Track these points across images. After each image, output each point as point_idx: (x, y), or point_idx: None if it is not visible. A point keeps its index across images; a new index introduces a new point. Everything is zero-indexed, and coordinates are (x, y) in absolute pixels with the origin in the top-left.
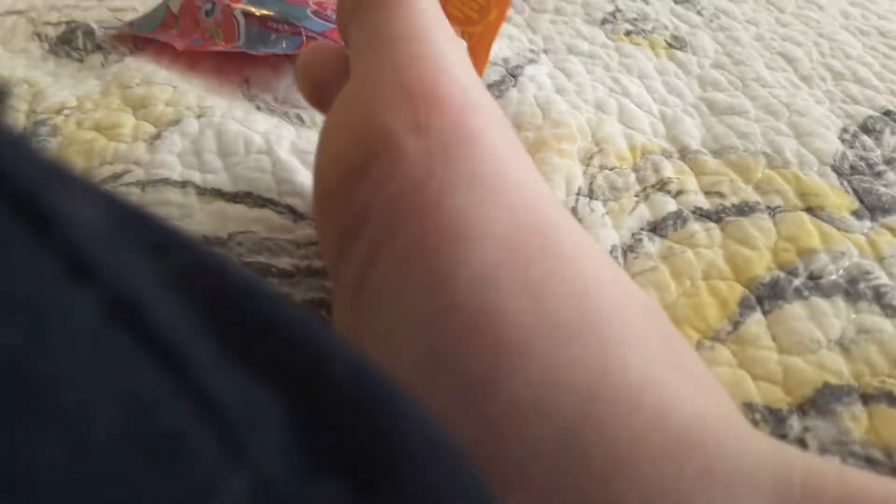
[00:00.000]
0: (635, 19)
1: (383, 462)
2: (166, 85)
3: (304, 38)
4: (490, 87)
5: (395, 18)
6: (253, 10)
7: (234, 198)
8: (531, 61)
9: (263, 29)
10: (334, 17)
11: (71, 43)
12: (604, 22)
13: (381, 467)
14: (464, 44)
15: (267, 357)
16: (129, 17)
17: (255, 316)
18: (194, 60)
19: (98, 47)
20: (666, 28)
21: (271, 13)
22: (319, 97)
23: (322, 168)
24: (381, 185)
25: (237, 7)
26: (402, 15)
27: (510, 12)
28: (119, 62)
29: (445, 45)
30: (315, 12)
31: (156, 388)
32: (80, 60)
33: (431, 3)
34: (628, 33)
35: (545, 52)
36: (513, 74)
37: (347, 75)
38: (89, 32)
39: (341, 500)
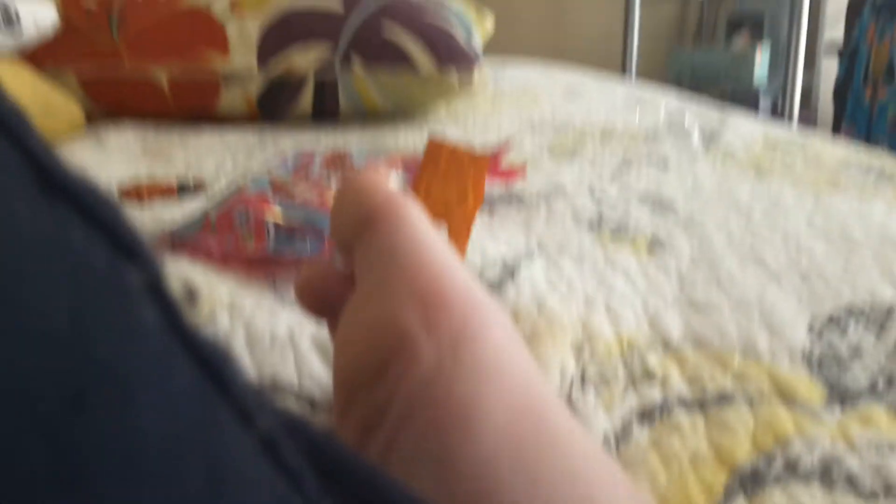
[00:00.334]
0: (618, 224)
1: None
2: (202, 283)
3: (327, 242)
4: (491, 284)
5: (398, 234)
6: (282, 222)
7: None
8: (526, 261)
9: (291, 235)
10: None
11: None
12: (590, 226)
13: None
14: (444, 229)
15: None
16: (169, 223)
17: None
18: (227, 262)
19: None
20: (646, 231)
21: (297, 222)
22: (320, 307)
23: (342, 366)
24: (400, 380)
25: (269, 218)
26: (403, 231)
27: (508, 216)
28: None
29: (444, 251)
30: None
31: None
32: None
33: (423, 217)
34: (613, 236)
35: (539, 252)
36: (510, 273)
37: (345, 287)
38: None
39: None
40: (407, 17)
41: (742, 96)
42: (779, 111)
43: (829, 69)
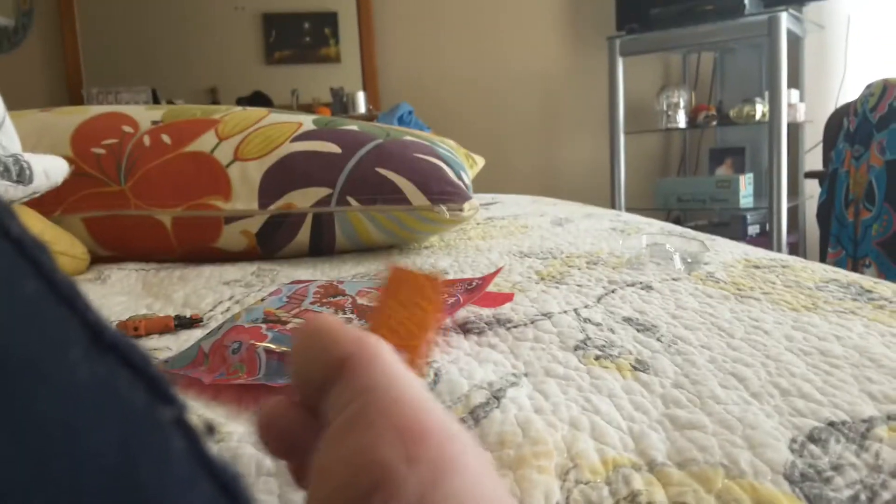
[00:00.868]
0: (603, 346)
1: None
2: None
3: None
4: (476, 408)
5: (373, 372)
6: (274, 347)
7: None
8: (513, 384)
9: (282, 364)
10: None
11: None
12: (576, 348)
13: None
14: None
15: None
16: (164, 355)
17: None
18: (218, 392)
19: None
20: (630, 353)
21: (289, 349)
22: (284, 449)
23: (321, 501)
24: None
25: (260, 345)
26: (377, 369)
27: (496, 340)
28: None
29: (416, 386)
30: None
31: None
32: None
33: (393, 355)
34: (598, 358)
35: (526, 375)
36: (496, 397)
37: (310, 428)
38: None
39: None
40: (399, 157)
41: (730, 221)
42: (767, 234)
43: (814, 191)
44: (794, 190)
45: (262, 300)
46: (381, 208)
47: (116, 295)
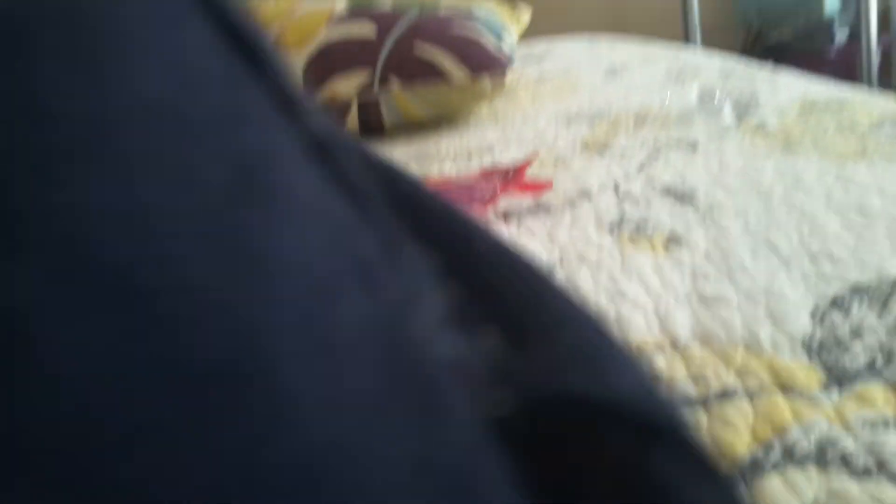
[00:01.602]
0: (638, 223)
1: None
2: None
3: None
4: None
5: None
6: None
7: None
8: None
9: None
10: None
11: None
12: (611, 229)
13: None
14: None
15: (427, 230)
16: None
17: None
18: None
19: None
20: (664, 228)
21: None
22: None
23: None
24: None
25: None
26: None
27: (536, 224)
28: None
29: None
30: None
31: (347, 217)
32: None
33: None
34: (631, 237)
35: (560, 261)
36: None
37: None
38: None
39: (499, 351)
40: (436, 33)
41: (814, 31)
42: (855, 40)
43: None
44: None
45: None
46: (423, 87)
47: None
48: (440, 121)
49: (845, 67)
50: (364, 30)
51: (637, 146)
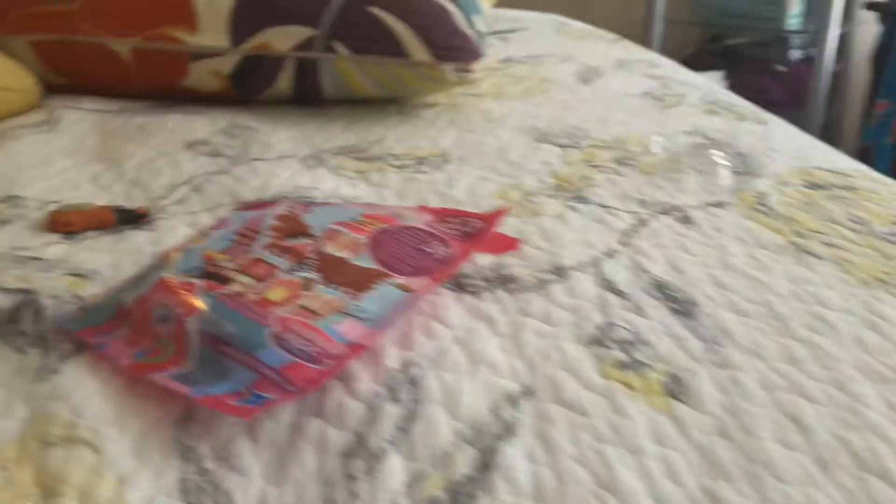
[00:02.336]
0: (629, 342)
1: None
2: (86, 449)
3: (258, 375)
4: (457, 486)
5: None
6: (206, 326)
7: None
8: (508, 432)
9: (218, 354)
10: (297, 344)
11: (18, 322)
12: (593, 342)
13: None
14: None
15: None
16: (90, 289)
17: None
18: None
19: (42, 338)
20: (663, 359)
21: (228, 331)
22: None
23: None
24: None
25: (192, 320)
26: None
27: (495, 310)
28: (56, 372)
29: None
30: (276, 336)
31: None
32: (23, 352)
33: None
34: (622, 366)
35: (528, 394)
36: (485, 464)
37: None
38: (39, 311)
39: None
40: None
41: (772, 42)
42: (810, 61)
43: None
44: (848, 16)
45: (206, 235)
46: (375, 59)
47: (62, 155)
48: (388, 103)
49: (796, 84)
50: None
51: (618, 202)
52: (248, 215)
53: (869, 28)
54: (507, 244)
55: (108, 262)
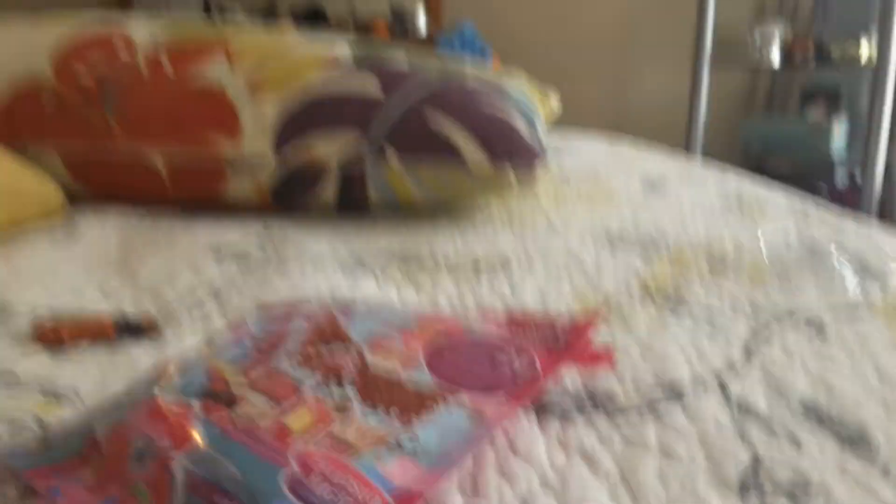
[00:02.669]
0: (791, 487)
1: None
2: None
3: None
4: None
5: None
6: (197, 468)
7: None
8: None
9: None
10: (324, 493)
11: None
12: (743, 487)
13: None
14: None
15: None
16: (62, 412)
17: None
18: None
19: None
20: None
21: (224, 476)
22: None
23: None
24: None
25: (180, 459)
26: None
27: (592, 440)
28: None
29: None
30: (294, 481)
31: None
32: None
33: None
34: None
35: None
36: None
37: None
38: None
39: None
40: (459, 106)
41: (816, 169)
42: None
43: None
44: (893, 139)
45: (215, 343)
46: (429, 166)
47: (70, 260)
48: (437, 210)
49: (840, 209)
50: (366, 85)
51: (727, 308)
52: (270, 320)
53: None
54: (598, 356)
55: (94, 379)
